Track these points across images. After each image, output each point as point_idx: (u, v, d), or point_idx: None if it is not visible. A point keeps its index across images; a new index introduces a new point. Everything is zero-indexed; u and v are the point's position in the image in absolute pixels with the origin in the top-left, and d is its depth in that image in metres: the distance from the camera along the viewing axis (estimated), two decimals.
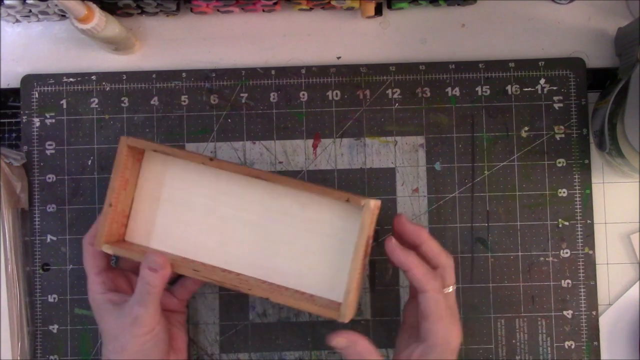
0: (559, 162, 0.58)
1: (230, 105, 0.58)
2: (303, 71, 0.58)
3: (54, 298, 0.57)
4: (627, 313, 0.57)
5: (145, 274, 0.48)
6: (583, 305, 0.57)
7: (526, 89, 0.58)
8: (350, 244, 0.48)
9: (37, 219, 0.58)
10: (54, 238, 0.58)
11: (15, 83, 0.59)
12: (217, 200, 0.52)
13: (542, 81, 0.58)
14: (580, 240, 0.57)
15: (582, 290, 0.57)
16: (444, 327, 0.47)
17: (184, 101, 0.58)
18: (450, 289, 0.49)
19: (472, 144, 0.58)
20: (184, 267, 0.49)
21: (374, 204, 0.48)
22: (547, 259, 0.57)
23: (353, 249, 0.47)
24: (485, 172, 0.58)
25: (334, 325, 0.48)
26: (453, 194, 0.58)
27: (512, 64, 0.58)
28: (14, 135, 0.59)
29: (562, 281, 0.57)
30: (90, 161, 0.58)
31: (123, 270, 0.54)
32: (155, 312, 0.49)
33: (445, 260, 0.49)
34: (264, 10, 0.59)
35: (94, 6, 0.51)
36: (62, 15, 0.58)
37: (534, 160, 0.58)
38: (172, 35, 0.60)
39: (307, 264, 0.50)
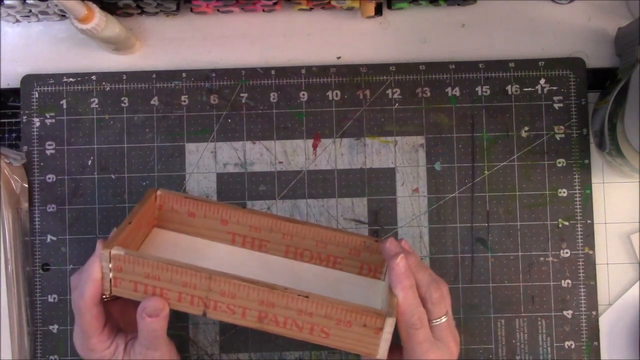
0: (559, 162, 0.58)
1: (230, 105, 0.58)
2: (303, 71, 0.58)
3: (54, 298, 0.57)
4: (627, 313, 0.57)
5: (147, 322, 0.44)
6: (583, 305, 0.57)
7: (526, 89, 0.58)
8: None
9: (37, 219, 0.58)
10: (54, 238, 0.58)
11: (15, 83, 0.59)
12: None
13: (542, 81, 0.58)
14: (580, 240, 0.57)
15: (582, 290, 0.57)
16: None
17: (184, 101, 0.58)
18: (442, 319, 0.46)
19: (472, 144, 0.58)
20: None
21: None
22: (547, 259, 0.57)
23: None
24: (485, 172, 0.58)
25: None
26: (453, 194, 0.58)
27: (512, 64, 0.58)
28: (14, 135, 0.59)
29: (562, 281, 0.57)
30: (90, 161, 0.58)
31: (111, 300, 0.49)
32: (167, 347, 0.47)
33: (443, 287, 0.47)
34: (264, 10, 0.59)
35: (94, 6, 0.51)
36: (62, 15, 0.58)
37: (534, 160, 0.58)
38: (172, 35, 0.60)
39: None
